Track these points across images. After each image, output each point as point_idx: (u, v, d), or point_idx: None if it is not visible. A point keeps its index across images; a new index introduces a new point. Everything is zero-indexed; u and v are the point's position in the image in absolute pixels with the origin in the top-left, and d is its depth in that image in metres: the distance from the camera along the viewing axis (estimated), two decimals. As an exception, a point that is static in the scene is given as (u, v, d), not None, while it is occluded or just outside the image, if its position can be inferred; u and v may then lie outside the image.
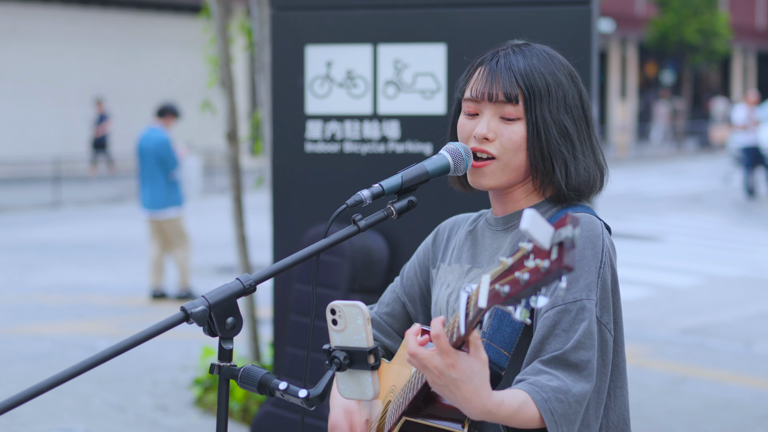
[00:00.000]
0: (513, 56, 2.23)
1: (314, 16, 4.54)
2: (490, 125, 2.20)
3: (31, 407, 6.36)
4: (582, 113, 2.23)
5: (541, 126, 2.18)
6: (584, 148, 2.21)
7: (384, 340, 2.48)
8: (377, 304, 2.53)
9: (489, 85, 2.21)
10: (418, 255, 2.49)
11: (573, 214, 1.66)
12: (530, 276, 1.68)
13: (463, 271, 2.31)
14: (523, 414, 2.00)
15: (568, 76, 2.25)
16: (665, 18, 34.13)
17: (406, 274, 2.50)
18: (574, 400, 2.04)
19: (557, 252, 1.65)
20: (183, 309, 1.94)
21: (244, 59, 24.27)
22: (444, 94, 4.40)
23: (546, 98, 2.19)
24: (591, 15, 4.29)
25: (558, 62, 2.26)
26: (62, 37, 26.70)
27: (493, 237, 2.31)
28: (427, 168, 2.23)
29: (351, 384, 2.07)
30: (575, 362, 2.06)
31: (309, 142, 4.55)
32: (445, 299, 2.32)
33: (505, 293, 1.72)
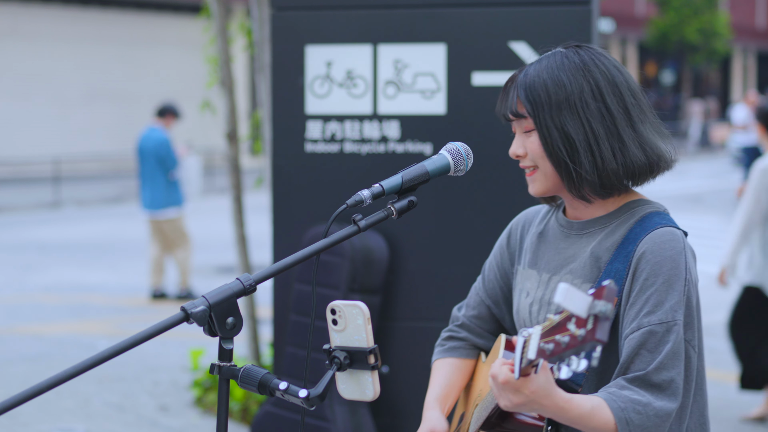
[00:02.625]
0: (529, 68, 2.27)
1: (314, 16, 4.54)
2: (518, 143, 2.29)
3: (31, 407, 6.36)
4: (600, 106, 2.21)
5: (546, 134, 2.23)
6: (596, 146, 2.20)
7: (478, 341, 2.55)
8: (464, 306, 2.59)
9: (502, 106, 2.31)
10: (495, 257, 2.54)
11: (611, 287, 1.73)
12: (570, 341, 1.79)
13: (542, 280, 2.34)
14: (596, 417, 2.07)
15: (578, 72, 2.23)
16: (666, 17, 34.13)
17: (487, 277, 2.55)
18: (653, 413, 2.09)
19: (593, 323, 1.74)
20: (183, 309, 1.94)
21: (244, 59, 24.27)
22: (444, 94, 4.39)
23: (546, 105, 2.22)
24: (591, 15, 4.29)
25: (569, 61, 2.25)
26: (62, 37, 26.70)
27: (568, 241, 2.33)
28: (428, 168, 2.23)
29: (351, 384, 2.07)
30: (658, 383, 2.11)
31: (309, 142, 4.55)
32: (526, 309, 2.36)
33: (549, 351, 1.84)
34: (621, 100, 2.23)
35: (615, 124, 2.21)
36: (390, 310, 4.51)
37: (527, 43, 4.30)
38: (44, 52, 26.40)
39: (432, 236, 4.46)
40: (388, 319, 4.52)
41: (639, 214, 2.25)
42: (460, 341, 2.55)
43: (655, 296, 2.13)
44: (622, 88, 2.24)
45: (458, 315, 2.58)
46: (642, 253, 2.17)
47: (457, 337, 2.56)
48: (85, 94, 27.01)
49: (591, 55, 2.27)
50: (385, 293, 4.51)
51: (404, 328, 4.52)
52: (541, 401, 2.00)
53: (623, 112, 2.22)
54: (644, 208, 2.26)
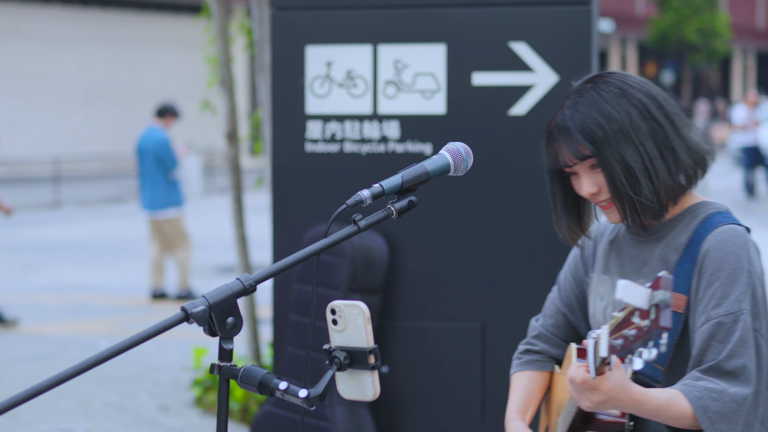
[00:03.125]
0: (568, 114, 2.32)
1: (314, 16, 4.54)
2: (589, 181, 2.34)
3: (31, 407, 6.36)
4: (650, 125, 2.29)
5: (611, 170, 2.29)
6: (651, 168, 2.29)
7: (554, 351, 2.64)
8: (541, 317, 2.68)
9: (561, 155, 2.34)
10: (570, 266, 2.63)
11: (666, 277, 1.82)
12: (636, 333, 1.88)
13: (614, 284, 2.42)
14: (673, 408, 2.15)
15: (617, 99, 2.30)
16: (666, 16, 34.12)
17: (562, 286, 2.64)
18: (729, 399, 2.17)
19: (655, 313, 1.84)
20: (183, 309, 1.94)
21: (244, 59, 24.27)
22: (444, 94, 4.39)
23: (605, 142, 2.28)
24: (591, 15, 4.29)
25: (605, 92, 2.31)
26: (62, 37, 26.70)
27: (638, 247, 2.41)
28: (428, 168, 2.24)
29: (351, 384, 2.07)
30: (730, 370, 2.19)
31: (309, 142, 4.55)
32: (601, 312, 2.45)
33: (619, 346, 1.93)
34: (663, 110, 2.32)
35: (666, 136, 2.31)
36: (390, 310, 4.51)
37: (527, 43, 4.30)
38: (44, 52, 26.40)
39: (432, 236, 4.46)
40: (388, 319, 4.52)
41: (702, 216, 2.36)
42: (537, 354, 2.65)
43: (721, 289, 2.23)
44: (660, 99, 2.34)
45: (536, 325, 2.69)
46: (706, 252, 2.28)
47: (534, 350, 2.65)
48: (85, 94, 27.01)
49: (617, 78, 2.35)
50: (385, 293, 4.51)
51: (404, 328, 4.52)
52: (618, 397, 2.08)
53: (669, 122, 2.32)
54: (706, 210, 2.37)
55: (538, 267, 4.38)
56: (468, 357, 4.46)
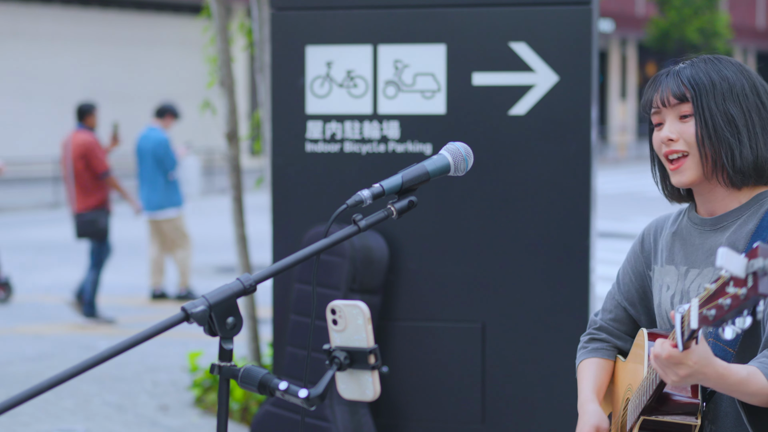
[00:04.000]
0: (681, 66, 2.42)
1: (314, 16, 4.54)
2: (671, 128, 2.37)
3: (31, 407, 6.36)
4: (756, 100, 2.37)
5: (708, 117, 2.33)
6: (753, 132, 2.35)
7: (616, 342, 2.65)
8: (600, 312, 2.70)
9: (661, 92, 2.38)
10: (630, 261, 2.65)
11: (764, 246, 1.85)
12: (732, 302, 1.91)
13: (681, 273, 2.46)
14: (753, 383, 2.18)
15: (738, 71, 2.40)
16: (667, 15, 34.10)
17: (622, 281, 2.66)
18: None
19: (753, 280, 1.86)
20: (183, 309, 1.94)
21: (244, 59, 24.27)
22: (444, 94, 4.40)
23: (711, 92, 2.34)
24: (591, 15, 4.29)
25: (725, 61, 2.42)
26: (62, 37, 26.71)
27: (703, 236, 2.44)
28: (428, 168, 2.24)
29: (351, 384, 2.07)
30: None
31: (309, 142, 4.55)
32: (668, 301, 2.47)
33: (712, 316, 1.95)
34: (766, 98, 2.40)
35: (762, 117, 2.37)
36: (390, 310, 4.51)
37: (527, 43, 4.31)
38: (44, 52, 26.40)
39: (432, 236, 4.46)
40: (388, 319, 4.52)
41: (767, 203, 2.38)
42: (602, 342, 2.67)
43: None
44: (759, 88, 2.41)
45: (596, 319, 2.70)
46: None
47: (598, 338, 2.67)
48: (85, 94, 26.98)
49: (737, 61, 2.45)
50: (385, 293, 4.51)
51: (404, 328, 4.53)
52: (704, 370, 2.11)
53: None
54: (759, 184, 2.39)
55: (538, 267, 4.38)
56: (468, 357, 4.46)
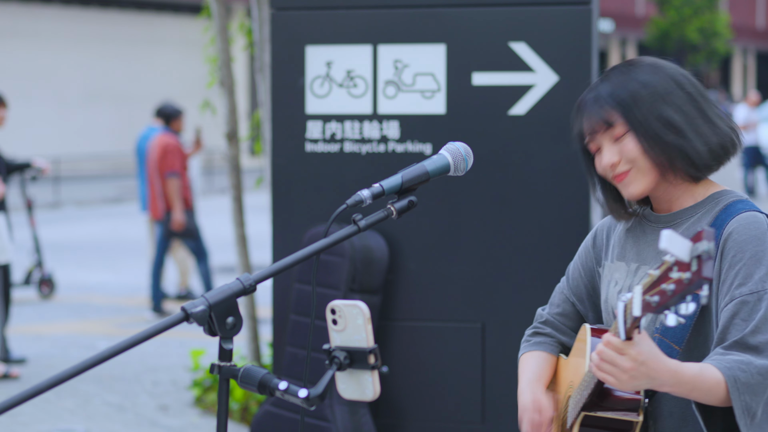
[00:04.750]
0: (599, 86, 2.35)
1: (314, 16, 4.54)
2: (610, 153, 2.32)
3: (31, 407, 6.36)
4: (683, 94, 2.32)
5: (645, 128, 2.28)
6: (695, 125, 2.30)
7: (561, 337, 2.62)
8: (548, 305, 2.67)
9: (589, 122, 2.33)
10: (580, 256, 2.62)
11: (708, 229, 1.82)
12: (675, 287, 1.87)
13: (631, 269, 2.42)
14: (706, 378, 2.13)
15: (653, 72, 2.34)
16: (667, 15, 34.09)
17: (571, 276, 2.62)
18: (756, 371, 2.15)
19: (697, 264, 1.83)
20: (183, 309, 1.94)
21: (244, 59, 24.27)
22: (444, 94, 4.40)
23: (636, 103, 2.29)
24: (591, 15, 4.29)
25: (639, 66, 2.36)
26: (62, 37, 26.71)
27: (656, 233, 2.39)
28: (427, 168, 2.24)
29: (351, 384, 2.07)
30: (755, 345, 2.17)
31: (309, 142, 4.55)
32: (615, 296, 2.43)
33: (655, 303, 1.91)
34: (695, 88, 2.35)
35: (701, 107, 2.32)
36: (390, 310, 4.51)
37: (527, 43, 4.30)
38: (44, 52, 26.40)
39: (432, 236, 4.46)
40: (388, 319, 4.52)
41: (723, 203, 2.34)
42: (546, 336, 2.64)
43: (744, 269, 2.22)
44: (691, 78, 2.37)
45: (542, 313, 2.68)
46: (729, 234, 2.27)
47: (543, 332, 2.64)
48: (85, 94, 27.01)
49: (651, 59, 2.39)
50: (385, 293, 4.51)
51: (404, 328, 4.52)
52: (650, 365, 2.05)
53: (702, 97, 2.34)
54: (728, 197, 2.35)
55: (538, 267, 4.38)
56: (468, 357, 4.46)
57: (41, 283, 10.48)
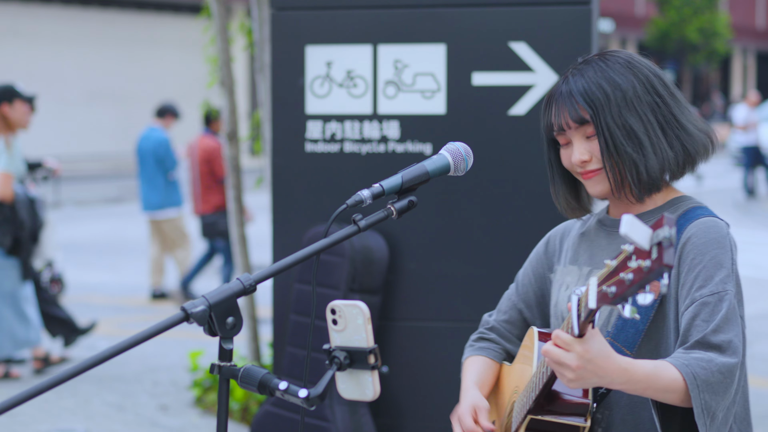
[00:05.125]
0: (572, 80, 2.33)
1: (314, 16, 4.54)
2: (581, 149, 2.31)
3: (31, 407, 6.36)
4: (651, 98, 2.30)
5: (609, 135, 2.27)
6: (655, 137, 2.28)
7: (505, 344, 2.60)
8: (495, 312, 2.65)
9: (560, 116, 2.31)
10: (531, 263, 2.61)
11: (669, 216, 1.77)
12: (634, 276, 1.80)
13: (583, 273, 2.41)
14: (662, 376, 2.08)
15: (627, 70, 2.32)
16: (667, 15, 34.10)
17: (521, 282, 2.61)
18: (717, 369, 2.12)
19: (657, 252, 1.76)
20: (183, 309, 1.94)
21: (244, 59, 24.28)
22: (444, 94, 4.40)
23: (607, 106, 2.27)
24: (591, 15, 4.29)
25: (613, 62, 2.34)
26: (62, 37, 26.71)
27: (610, 238, 2.40)
28: (428, 168, 2.24)
29: (351, 384, 2.07)
30: (717, 343, 2.16)
31: (309, 142, 4.55)
32: (565, 300, 2.41)
33: (612, 293, 1.84)
34: (667, 90, 2.33)
35: (670, 111, 2.31)
36: (390, 310, 4.51)
37: (527, 43, 4.31)
38: (44, 52, 26.40)
39: (432, 236, 4.46)
40: (388, 319, 4.52)
41: (683, 209, 2.34)
42: (490, 342, 2.62)
43: (704, 272, 2.21)
44: (665, 79, 2.35)
45: (489, 320, 2.66)
46: (687, 239, 2.26)
47: (487, 338, 2.63)
48: (85, 94, 27.01)
49: (624, 53, 2.38)
50: (385, 293, 4.51)
51: (404, 328, 4.53)
52: (598, 362, 2.00)
53: (673, 100, 2.32)
54: (687, 204, 2.35)
55: (538, 267, 4.37)
56: (468, 357, 4.46)
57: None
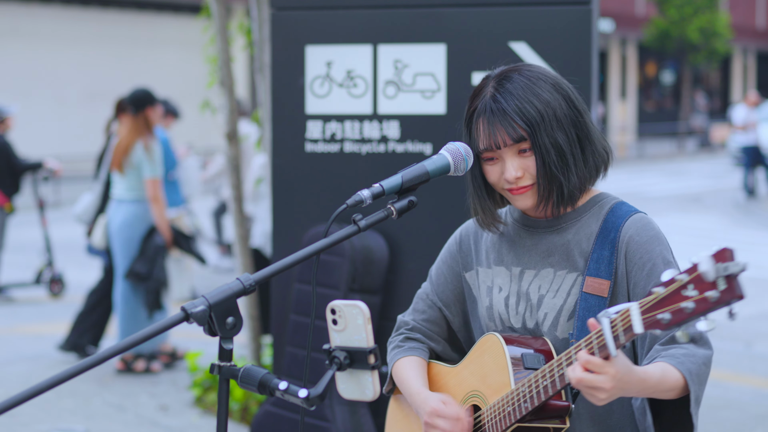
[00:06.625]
0: (501, 97, 2.32)
1: (314, 16, 4.54)
2: (514, 166, 2.32)
3: (31, 407, 6.36)
4: (571, 112, 2.34)
5: (544, 153, 2.30)
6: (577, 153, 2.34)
7: (429, 343, 2.60)
8: (411, 312, 2.64)
9: (494, 137, 2.31)
10: (446, 261, 2.59)
11: (729, 248, 1.84)
12: (696, 306, 1.87)
13: (514, 274, 2.43)
14: (668, 379, 2.17)
15: (551, 87, 2.34)
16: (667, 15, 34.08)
17: (436, 281, 2.60)
18: (701, 361, 2.22)
19: (726, 283, 1.83)
20: (183, 309, 1.94)
21: (244, 59, 24.28)
22: (444, 94, 4.40)
23: (541, 125, 2.30)
24: (591, 15, 4.29)
25: (537, 80, 2.34)
26: (62, 37, 26.70)
27: (536, 237, 2.42)
28: (428, 168, 2.24)
29: (351, 384, 2.07)
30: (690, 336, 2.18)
31: (309, 142, 4.55)
32: (502, 302, 2.43)
33: (667, 320, 1.91)
34: (581, 104, 2.38)
35: (585, 127, 2.36)
36: (390, 310, 4.51)
37: (527, 43, 4.30)
38: (44, 52, 26.40)
39: (432, 236, 4.46)
40: (388, 319, 4.52)
41: (607, 206, 2.40)
42: (417, 342, 2.62)
43: (655, 270, 2.29)
44: (577, 93, 2.40)
45: (407, 320, 2.64)
46: (629, 237, 2.32)
47: (414, 338, 2.62)
48: (85, 94, 27.00)
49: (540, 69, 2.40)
50: (385, 293, 4.51)
51: (404, 328, 4.52)
52: (627, 380, 2.06)
53: (586, 115, 2.38)
54: (609, 201, 2.42)
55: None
56: (468, 357, 4.46)
57: (51, 282, 10.60)
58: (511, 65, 2.41)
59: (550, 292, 2.37)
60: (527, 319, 2.39)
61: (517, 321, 2.40)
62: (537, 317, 2.37)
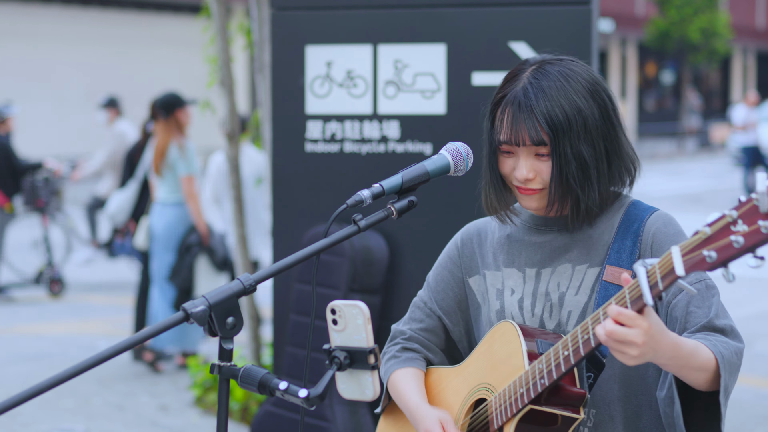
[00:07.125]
0: (532, 93, 2.23)
1: (314, 16, 4.54)
2: (527, 166, 2.25)
3: (31, 407, 6.36)
4: (605, 126, 2.26)
5: (564, 163, 2.22)
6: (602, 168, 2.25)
7: (427, 354, 2.50)
8: (408, 321, 2.54)
9: (516, 133, 2.23)
10: (446, 266, 2.50)
11: None
12: (746, 240, 1.76)
13: (529, 275, 2.34)
14: (700, 354, 2.07)
15: (587, 94, 2.26)
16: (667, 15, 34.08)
17: (435, 288, 2.51)
18: (733, 350, 2.13)
19: None
20: (183, 309, 1.94)
21: (244, 59, 24.27)
22: (444, 94, 4.40)
23: (567, 133, 2.22)
24: (591, 15, 4.29)
25: (575, 82, 2.26)
26: (62, 37, 26.70)
27: (547, 236, 2.35)
28: (428, 168, 2.24)
29: (351, 384, 2.07)
30: (721, 327, 2.17)
31: (309, 142, 4.55)
32: (515, 305, 2.34)
33: (713, 258, 1.80)
34: (617, 114, 2.30)
35: (617, 140, 2.28)
36: (390, 310, 4.51)
37: (527, 43, 4.30)
38: (44, 52, 26.40)
39: (432, 236, 4.46)
40: (388, 319, 4.52)
41: (626, 202, 2.35)
42: (415, 352, 2.51)
43: None
44: (615, 100, 2.31)
45: (403, 329, 2.54)
46: (656, 229, 2.27)
47: (411, 348, 2.52)
48: (84, 94, 26.99)
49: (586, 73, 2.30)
50: (385, 293, 4.51)
51: (404, 328, 4.52)
52: (659, 338, 1.97)
53: (619, 127, 2.30)
54: (626, 198, 2.36)
55: (538, 267, 4.37)
56: (468, 357, 4.46)
57: (51, 282, 10.62)
58: (555, 56, 2.33)
59: (571, 289, 2.28)
60: (546, 320, 2.29)
61: (533, 323, 2.30)
62: (560, 316, 2.27)
